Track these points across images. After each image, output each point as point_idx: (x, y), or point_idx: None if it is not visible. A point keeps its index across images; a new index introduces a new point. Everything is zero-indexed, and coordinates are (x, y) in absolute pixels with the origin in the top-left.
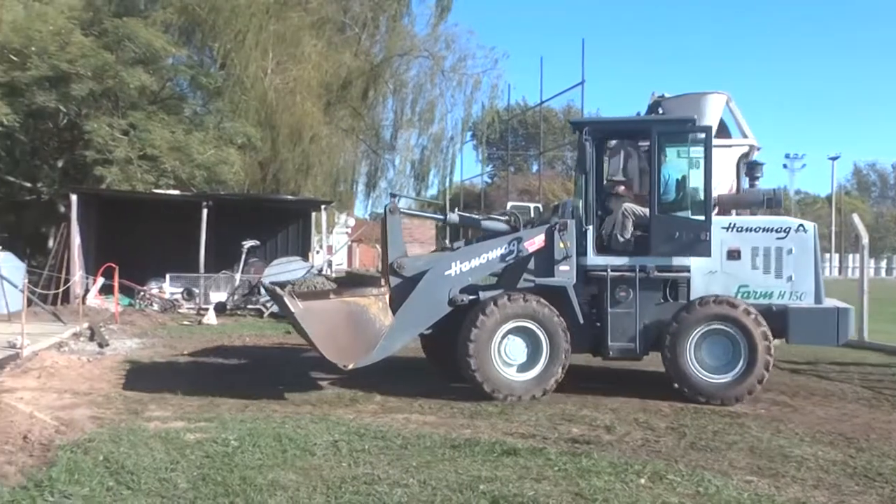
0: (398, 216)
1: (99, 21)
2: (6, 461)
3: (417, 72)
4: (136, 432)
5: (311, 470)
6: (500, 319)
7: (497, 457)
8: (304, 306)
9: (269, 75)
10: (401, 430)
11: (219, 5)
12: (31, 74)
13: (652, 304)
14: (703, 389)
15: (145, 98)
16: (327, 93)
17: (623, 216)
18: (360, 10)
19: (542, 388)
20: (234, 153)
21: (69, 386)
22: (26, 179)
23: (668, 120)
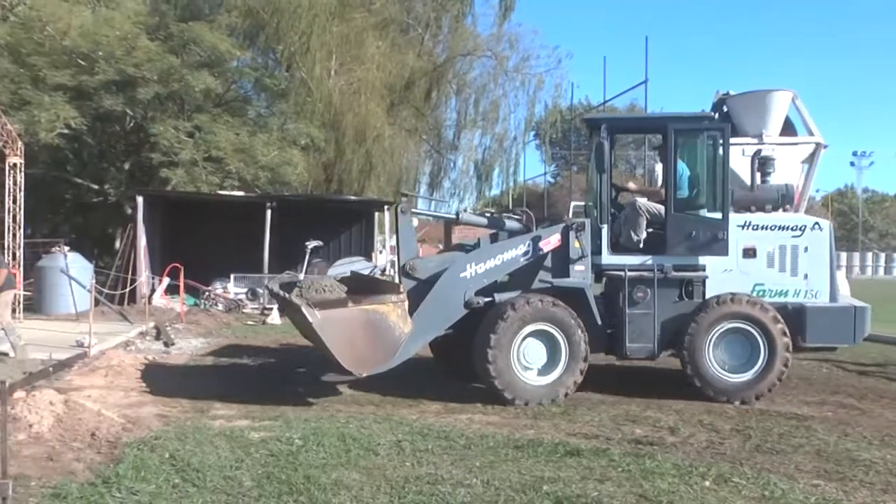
0: (409, 217)
1: (165, 25)
2: (75, 458)
3: (481, 72)
4: (201, 430)
5: (374, 469)
6: (519, 323)
7: (560, 457)
8: (322, 315)
9: (333, 76)
10: (464, 430)
11: (282, 7)
12: (98, 79)
13: (669, 303)
14: (723, 388)
15: (210, 101)
16: (391, 93)
17: (637, 214)
18: (423, 11)
19: (562, 392)
20: (298, 154)
21: (136, 384)
22: (94, 182)
23: (684, 117)
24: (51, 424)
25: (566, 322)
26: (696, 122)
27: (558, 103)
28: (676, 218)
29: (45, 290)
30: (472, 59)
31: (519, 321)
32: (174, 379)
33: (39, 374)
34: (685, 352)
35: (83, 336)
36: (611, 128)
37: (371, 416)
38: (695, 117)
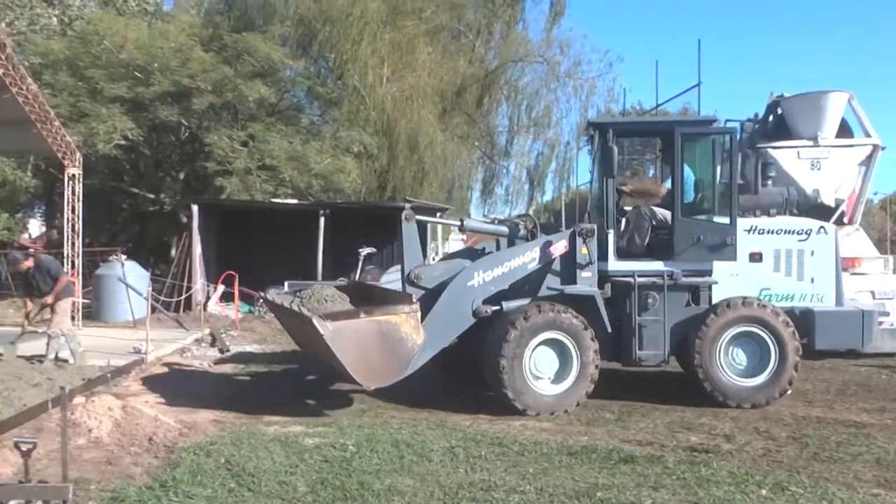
0: (414, 224)
1: (219, 37)
2: (132, 462)
3: (532, 77)
4: (256, 436)
5: (427, 475)
6: (530, 333)
7: (614, 464)
8: (333, 327)
9: (385, 84)
10: (517, 436)
11: (334, 17)
12: (154, 90)
13: (679, 309)
14: (735, 393)
15: (264, 110)
16: (442, 100)
17: (642, 219)
18: (474, 18)
19: (575, 400)
20: (351, 162)
21: (191, 390)
22: (150, 191)
23: (692, 121)
24: (109, 429)
25: (577, 330)
26: (703, 126)
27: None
28: (684, 223)
29: (103, 297)
30: (524, 65)
31: (530, 330)
32: (229, 385)
33: (98, 380)
34: (696, 357)
35: (140, 343)
36: (618, 131)
37: (424, 422)
38: (702, 121)
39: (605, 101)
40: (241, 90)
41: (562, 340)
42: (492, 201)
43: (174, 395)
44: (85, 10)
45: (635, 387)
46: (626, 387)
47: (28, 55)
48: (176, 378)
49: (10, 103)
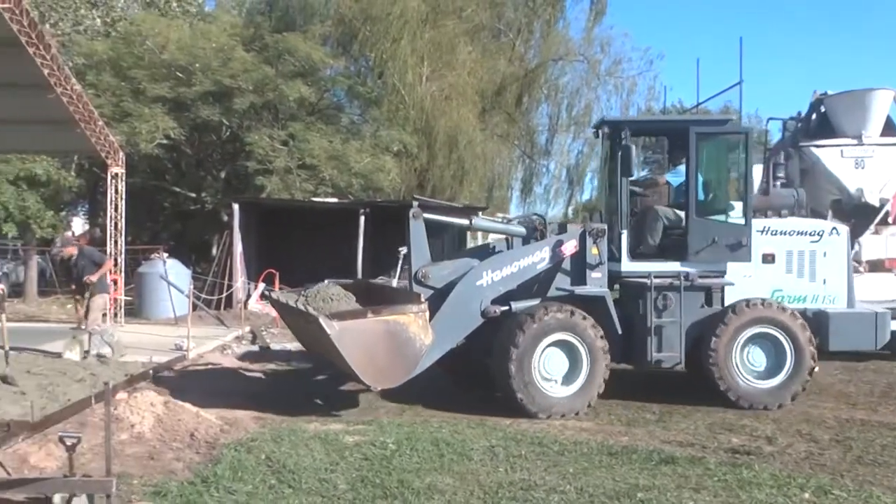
0: (421, 222)
1: (260, 37)
2: (174, 457)
3: (573, 76)
4: (296, 433)
5: (467, 474)
6: (540, 334)
7: (655, 465)
8: (340, 327)
9: (425, 83)
10: (557, 436)
11: (374, 16)
12: (195, 90)
13: (695, 310)
14: (749, 394)
15: (304, 109)
16: (482, 99)
17: (655, 220)
18: (514, 17)
19: (584, 403)
20: (391, 161)
21: (232, 387)
22: (191, 190)
23: (706, 120)
24: (151, 425)
25: (587, 331)
26: (718, 126)
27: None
28: (699, 223)
29: (145, 295)
30: (564, 64)
31: (539, 332)
32: (269, 382)
33: (140, 376)
34: (711, 358)
35: (181, 339)
36: (633, 130)
37: (464, 420)
38: (717, 121)
39: (645, 100)
40: (282, 90)
41: (571, 342)
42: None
43: (215, 391)
44: (128, 11)
45: (676, 388)
46: (665, 388)
47: (72, 56)
48: (217, 375)
49: (54, 103)
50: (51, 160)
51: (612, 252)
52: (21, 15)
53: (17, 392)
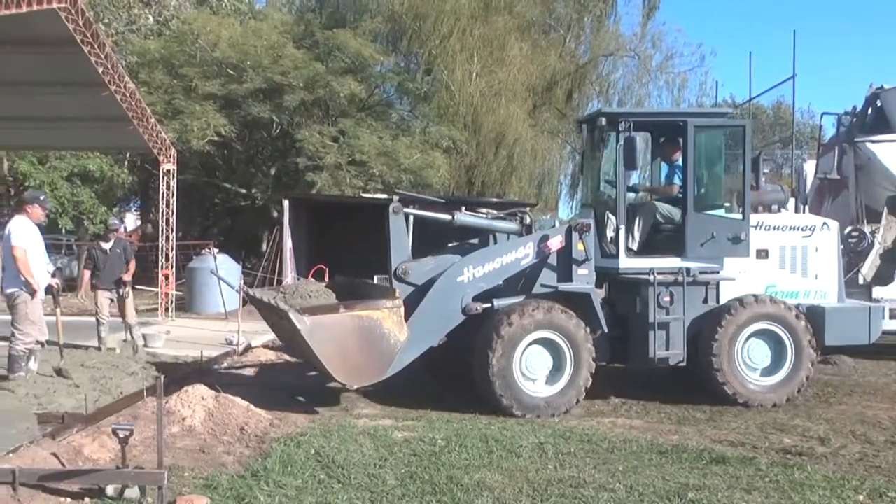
0: (402, 217)
1: (310, 34)
2: (225, 451)
3: (624, 72)
4: (345, 428)
5: (516, 471)
6: (520, 333)
7: (705, 464)
8: (311, 322)
9: (475, 79)
10: (607, 433)
11: (425, 12)
12: (246, 87)
13: (696, 307)
14: (753, 391)
15: (354, 105)
16: (532, 95)
17: (648, 215)
18: (564, 12)
19: (569, 402)
20: (440, 157)
21: (282, 381)
22: (242, 186)
23: (704, 112)
24: (202, 418)
25: (570, 329)
26: (716, 119)
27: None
28: (697, 218)
29: (195, 290)
30: (616, 60)
31: (521, 330)
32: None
33: (192, 370)
34: (713, 356)
35: (232, 334)
36: (633, 123)
37: (513, 417)
38: (715, 113)
39: (696, 96)
40: (332, 86)
41: (554, 340)
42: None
43: (265, 386)
44: (180, 10)
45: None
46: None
47: (125, 54)
48: (267, 369)
49: (108, 101)
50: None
51: (603, 248)
52: (77, 14)
53: (72, 385)
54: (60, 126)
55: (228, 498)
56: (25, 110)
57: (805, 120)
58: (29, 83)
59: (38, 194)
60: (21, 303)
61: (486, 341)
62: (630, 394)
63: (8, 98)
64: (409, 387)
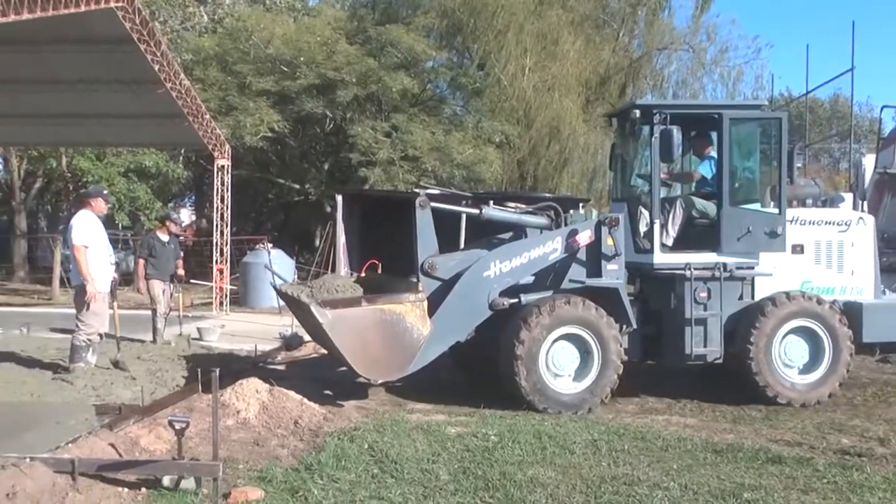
0: (428, 211)
1: (363, 30)
2: (279, 444)
3: (678, 66)
4: (399, 423)
5: (570, 468)
6: (546, 328)
7: (761, 464)
8: (332, 315)
9: (528, 74)
10: (661, 431)
11: (479, 8)
12: (300, 83)
13: (731, 303)
14: (790, 390)
15: (407, 101)
16: (585, 90)
17: (681, 209)
18: (618, 6)
19: (598, 399)
20: (493, 152)
21: (335, 375)
22: (295, 181)
23: (740, 105)
24: (257, 411)
25: (598, 325)
26: (752, 111)
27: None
28: (732, 212)
29: (249, 284)
30: (670, 53)
31: (546, 325)
32: None
33: (246, 363)
34: (749, 353)
35: (286, 328)
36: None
37: (566, 414)
38: (751, 106)
39: (752, 89)
40: (385, 82)
41: (582, 336)
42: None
43: (318, 380)
44: (234, 7)
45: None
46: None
47: (180, 52)
48: (320, 363)
49: (164, 98)
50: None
51: (637, 244)
52: (133, 13)
53: (129, 377)
54: (117, 123)
55: (282, 491)
56: (83, 108)
57: (864, 113)
58: (87, 81)
59: (101, 188)
60: (83, 294)
61: (512, 335)
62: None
63: (66, 96)
64: (460, 383)
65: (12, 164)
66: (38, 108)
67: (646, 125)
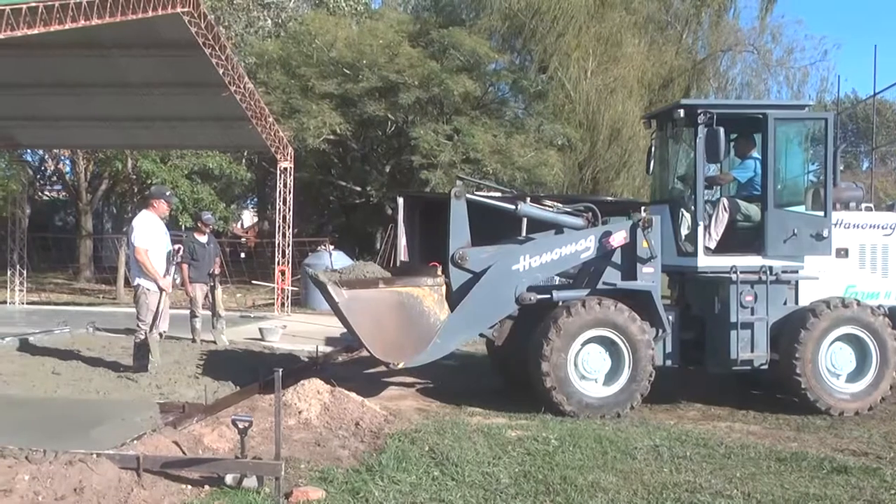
0: (463, 202)
1: (425, 32)
2: (340, 445)
3: (742, 67)
4: (459, 426)
5: (631, 473)
6: (574, 329)
7: (826, 474)
8: (349, 295)
9: (590, 77)
10: (723, 438)
11: (541, 10)
12: (362, 86)
13: (777, 307)
14: (837, 399)
15: (468, 103)
16: (648, 92)
17: (724, 212)
18: (682, 7)
19: (628, 404)
20: (554, 155)
21: (396, 377)
22: (357, 184)
23: (786, 105)
24: (318, 412)
25: (627, 328)
26: (797, 111)
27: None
28: (777, 215)
29: (311, 285)
30: (734, 55)
31: (576, 327)
32: (433, 373)
33: (308, 364)
34: (795, 360)
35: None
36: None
37: (627, 419)
38: (797, 106)
39: (817, 91)
40: (447, 84)
41: (612, 339)
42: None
43: (379, 381)
44: (298, 11)
45: None
46: None
47: (244, 56)
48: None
49: (228, 101)
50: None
51: (679, 247)
52: (199, 18)
53: (192, 376)
54: (182, 126)
55: (343, 492)
56: (150, 111)
57: None
58: (153, 84)
59: (165, 190)
60: (142, 294)
61: (542, 335)
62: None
63: (133, 99)
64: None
65: (79, 167)
66: (106, 112)
67: (690, 125)
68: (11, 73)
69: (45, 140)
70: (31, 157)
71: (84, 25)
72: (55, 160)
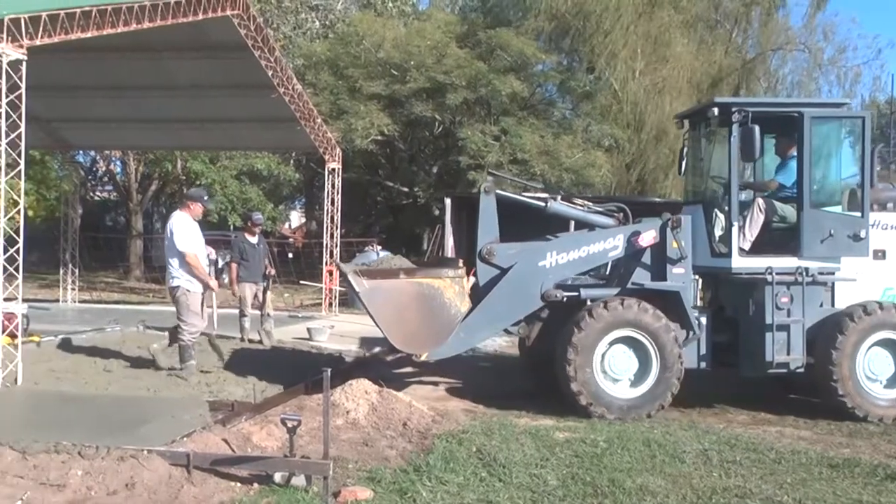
0: (493, 198)
1: (473, 33)
2: (387, 445)
3: (793, 66)
4: (506, 427)
5: (680, 477)
6: (600, 330)
7: (880, 481)
8: (369, 285)
9: (638, 77)
10: (773, 443)
11: (588, 10)
12: (409, 87)
13: (814, 309)
14: (875, 406)
15: (516, 104)
16: (697, 92)
17: (759, 212)
18: (731, 6)
19: (656, 405)
20: (602, 156)
21: (443, 378)
22: (404, 184)
23: (822, 103)
24: (366, 412)
25: (654, 329)
26: (834, 110)
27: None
28: (813, 215)
29: None
30: (784, 54)
31: (601, 327)
32: (479, 374)
33: (356, 364)
34: (832, 365)
35: None
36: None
37: (676, 422)
38: (834, 104)
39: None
40: (494, 85)
41: (639, 339)
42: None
43: (427, 382)
44: (346, 13)
45: None
46: None
47: (293, 57)
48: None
49: (277, 103)
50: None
51: (712, 248)
52: (248, 20)
53: (241, 375)
54: (232, 127)
55: (391, 492)
56: (199, 112)
57: None
58: (203, 86)
59: (203, 193)
60: (181, 295)
61: (567, 334)
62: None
63: (183, 101)
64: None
65: (130, 167)
66: (157, 113)
67: (725, 124)
68: (65, 76)
69: (96, 141)
70: (84, 159)
71: (136, 29)
72: (106, 161)
